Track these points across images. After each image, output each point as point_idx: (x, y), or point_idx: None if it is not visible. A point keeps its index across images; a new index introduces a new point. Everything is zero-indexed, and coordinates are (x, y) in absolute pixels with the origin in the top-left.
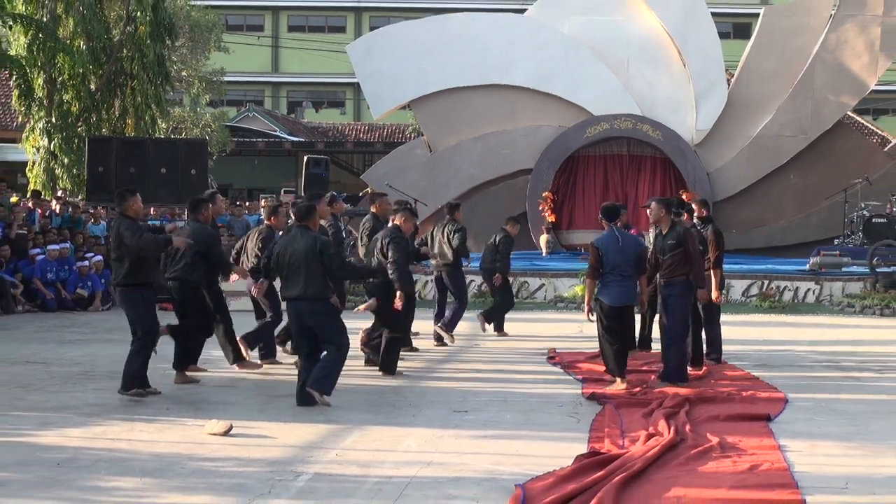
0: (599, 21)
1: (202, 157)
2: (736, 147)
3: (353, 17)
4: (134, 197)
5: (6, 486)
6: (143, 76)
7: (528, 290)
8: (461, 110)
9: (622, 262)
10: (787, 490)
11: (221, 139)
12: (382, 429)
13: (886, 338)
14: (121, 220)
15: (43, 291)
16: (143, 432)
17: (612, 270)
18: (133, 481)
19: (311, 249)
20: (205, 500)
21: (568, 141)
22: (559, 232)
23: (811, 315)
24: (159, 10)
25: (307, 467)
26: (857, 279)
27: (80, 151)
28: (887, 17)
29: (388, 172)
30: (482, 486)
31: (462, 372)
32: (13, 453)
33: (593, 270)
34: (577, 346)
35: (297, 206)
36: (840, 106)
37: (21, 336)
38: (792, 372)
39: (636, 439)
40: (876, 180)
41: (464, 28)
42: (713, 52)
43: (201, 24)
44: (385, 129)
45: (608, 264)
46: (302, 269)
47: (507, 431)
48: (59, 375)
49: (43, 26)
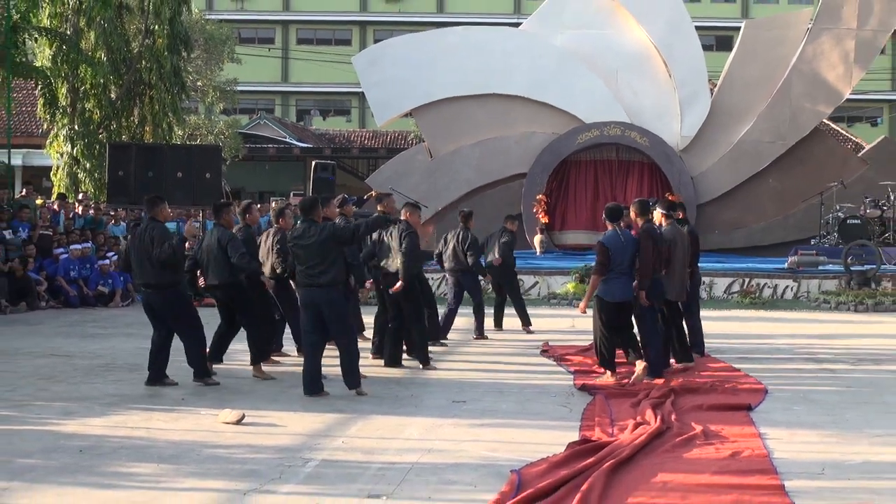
0: (590, 34)
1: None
2: (718, 152)
3: (358, 30)
4: (163, 203)
5: (32, 472)
6: (160, 86)
7: (523, 287)
8: (460, 118)
9: (623, 261)
10: (766, 476)
11: (234, 145)
12: (386, 418)
13: (860, 332)
14: (153, 225)
15: (66, 289)
16: (161, 421)
17: (614, 268)
18: (151, 467)
19: (323, 237)
20: (219, 484)
21: (560, 147)
22: (552, 232)
23: (789, 311)
24: (176, 23)
25: (315, 454)
26: (832, 277)
27: (102, 157)
28: (861, 31)
29: (392, 176)
30: (479, 471)
31: (460, 364)
32: (38, 441)
33: (602, 267)
34: (570, 340)
35: (300, 202)
36: (816, 114)
37: (46, 331)
38: (771, 364)
39: (625, 428)
40: (850, 184)
41: (463, 41)
42: (697, 63)
43: (215, 37)
44: (388, 135)
45: (613, 262)
46: (317, 257)
47: (503, 420)
48: (81, 368)
49: (66, 39)
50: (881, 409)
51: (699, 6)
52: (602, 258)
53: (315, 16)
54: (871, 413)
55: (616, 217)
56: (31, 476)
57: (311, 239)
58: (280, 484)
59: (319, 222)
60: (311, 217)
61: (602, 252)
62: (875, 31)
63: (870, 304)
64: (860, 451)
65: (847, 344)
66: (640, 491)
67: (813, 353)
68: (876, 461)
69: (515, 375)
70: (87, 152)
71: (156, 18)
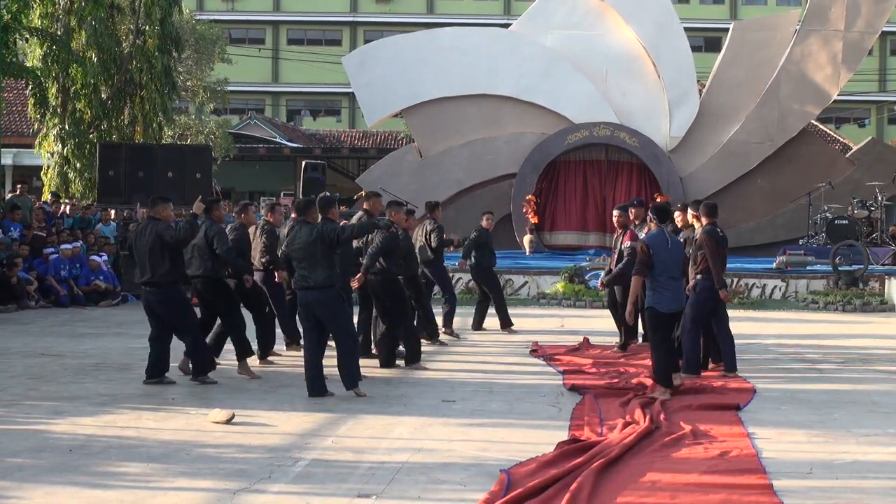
0: (579, 35)
1: (206, 162)
2: (707, 153)
3: (348, 31)
4: (165, 204)
5: (22, 471)
6: (151, 86)
7: (513, 287)
8: (449, 118)
9: (672, 264)
10: (755, 475)
11: (224, 145)
12: (375, 417)
13: (848, 332)
14: (154, 224)
15: (56, 288)
16: (150, 420)
17: (663, 272)
18: (141, 467)
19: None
20: (208, 484)
21: (550, 147)
22: (542, 233)
23: (778, 311)
24: (166, 24)
25: (305, 454)
26: (820, 277)
27: (92, 157)
28: (848, 33)
29: (382, 176)
30: (469, 471)
31: (450, 364)
32: (28, 440)
33: (643, 268)
34: (559, 340)
35: (296, 202)
36: (804, 115)
37: (36, 330)
38: (760, 364)
39: (614, 427)
40: (838, 184)
41: (452, 41)
42: (686, 64)
43: (206, 38)
44: (378, 135)
45: (659, 264)
46: (306, 259)
47: (493, 420)
48: (71, 367)
49: (57, 39)
50: (869, 409)
51: (688, 7)
52: (644, 257)
53: (305, 16)
54: (859, 413)
55: (665, 217)
56: (20, 475)
57: (302, 240)
58: (270, 483)
59: (313, 223)
60: (305, 218)
61: (642, 251)
62: (862, 33)
63: (857, 304)
64: (848, 451)
65: (835, 344)
66: (628, 490)
67: (801, 353)
68: (864, 461)
69: (505, 375)
70: (77, 152)
71: (146, 19)
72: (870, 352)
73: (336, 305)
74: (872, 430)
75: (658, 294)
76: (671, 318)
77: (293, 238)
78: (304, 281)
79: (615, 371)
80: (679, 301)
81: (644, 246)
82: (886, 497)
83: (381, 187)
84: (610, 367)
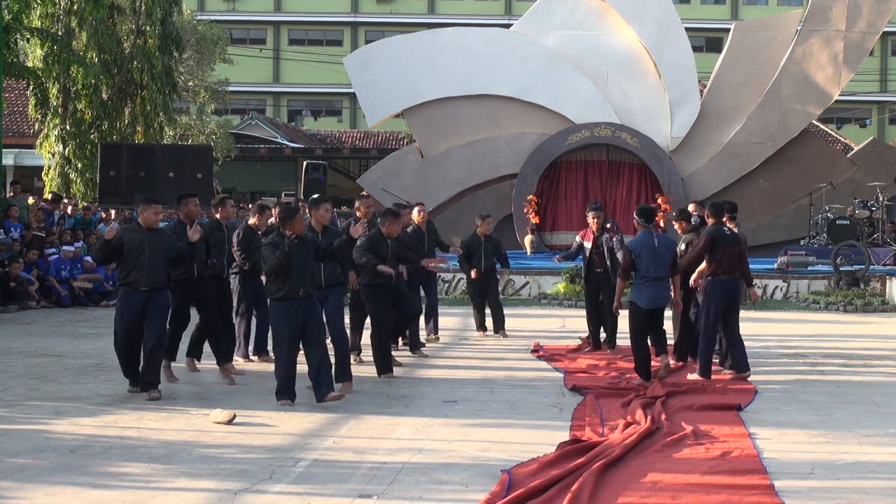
0: (580, 35)
1: (208, 163)
2: (708, 153)
3: (349, 31)
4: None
5: (23, 472)
6: (152, 86)
7: (514, 287)
8: (451, 119)
9: (658, 264)
10: (756, 475)
11: (226, 145)
12: (376, 418)
13: (849, 332)
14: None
15: (57, 288)
16: (152, 421)
17: (648, 272)
18: (142, 467)
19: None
20: (209, 484)
21: (551, 147)
22: (543, 233)
23: (779, 311)
24: (167, 24)
25: (306, 454)
26: (821, 277)
27: (93, 157)
28: (850, 33)
29: (383, 177)
30: (470, 471)
31: (451, 364)
32: (29, 440)
33: (625, 272)
34: (561, 340)
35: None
36: (806, 115)
37: (37, 330)
38: (761, 364)
39: (615, 427)
40: (839, 185)
41: (453, 42)
42: (687, 65)
43: (207, 38)
44: (379, 136)
45: (642, 266)
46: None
47: (494, 420)
48: (72, 367)
49: (58, 39)
50: (870, 409)
51: (689, 8)
52: (625, 263)
53: (306, 16)
54: (860, 413)
55: (650, 218)
56: (21, 475)
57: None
58: (271, 484)
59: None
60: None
61: (625, 255)
62: (864, 33)
63: (859, 304)
64: (849, 451)
65: (836, 344)
66: (630, 491)
67: (802, 353)
68: (865, 461)
69: (506, 375)
70: (78, 152)
71: (147, 19)
72: (871, 352)
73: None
74: (874, 431)
75: (640, 290)
76: (651, 314)
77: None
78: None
79: (616, 371)
80: (661, 298)
81: (628, 254)
82: (887, 497)
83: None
84: (611, 367)
